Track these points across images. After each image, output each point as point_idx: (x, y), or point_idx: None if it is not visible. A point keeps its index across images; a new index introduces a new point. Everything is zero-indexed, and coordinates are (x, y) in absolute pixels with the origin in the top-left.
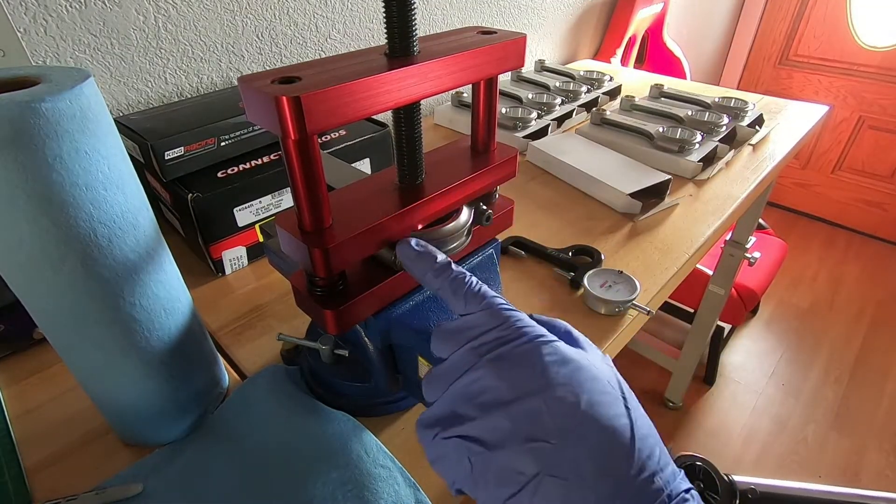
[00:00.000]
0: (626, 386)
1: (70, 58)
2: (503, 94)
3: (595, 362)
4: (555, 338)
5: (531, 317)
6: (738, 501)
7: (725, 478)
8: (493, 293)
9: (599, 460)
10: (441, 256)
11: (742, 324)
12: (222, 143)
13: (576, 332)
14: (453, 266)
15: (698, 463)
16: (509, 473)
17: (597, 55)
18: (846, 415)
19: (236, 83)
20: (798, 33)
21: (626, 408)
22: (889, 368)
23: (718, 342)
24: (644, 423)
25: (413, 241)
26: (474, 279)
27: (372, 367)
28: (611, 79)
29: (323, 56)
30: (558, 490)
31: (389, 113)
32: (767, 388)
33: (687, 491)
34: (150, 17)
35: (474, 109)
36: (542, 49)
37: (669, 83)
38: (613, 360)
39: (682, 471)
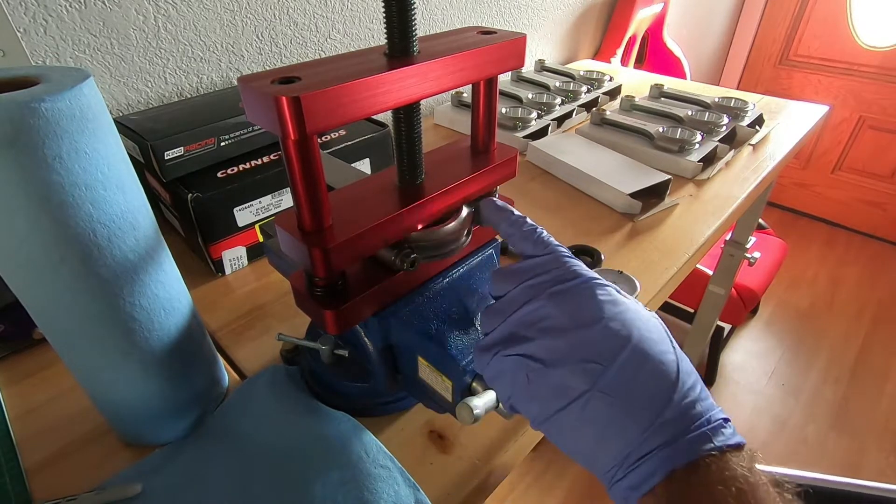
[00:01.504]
0: (670, 333)
1: (70, 58)
2: (503, 94)
3: (642, 309)
4: (608, 283)
5: None
6: None
7: None
8: (558, 243)
9: (646, 384)
10: (517, 212)
11: (742, 324)
12: (222, 143)
13: (621, 289)
14: (527, 219)
15: None
16: (563, 388)
17: (597, 55)
18: (846, 415)
19: (236, 83)
20: (798, 33)
21: (673, 347)
22: (889, 368)
23: (718, 342)
24: (687, 363)
25: (496, 198)
26: (543, 230)
27: (372, 367)
28: (611, 79)
29: (323, 56)
30: (606, 405)
31: (389, 113)
32: (767, 388)
33: (725, 420)
34: (149, 17)
35: (474, 109)
36: (542, 49)
37: (669, 83)
38: None
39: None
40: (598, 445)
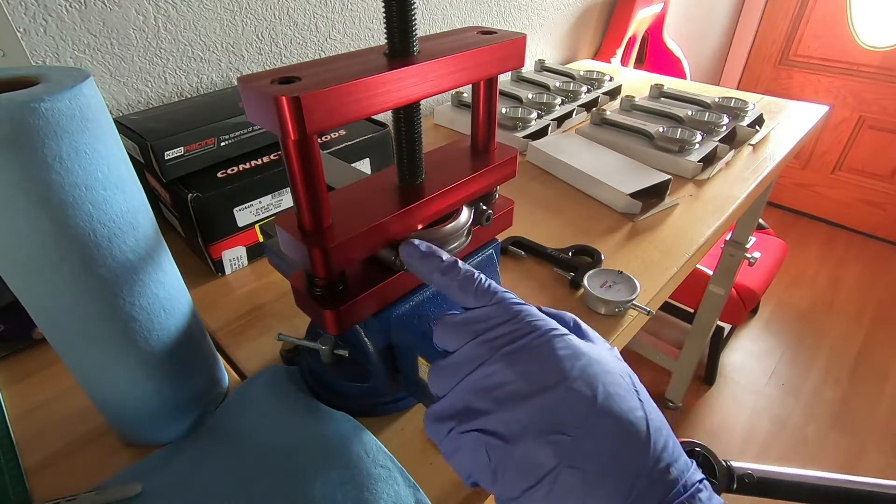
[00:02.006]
0: (636, 378)
1: (70, 58)
2: (503, 94)
3: (606, 355)
4: (566, 331)
5: (539, 309)
6: (735, 485)
7: (723, 463)
8: (503, 289)
9: (617, 452)
10: (446, 256)
11: (742, 324)
12: (222, 143)
13: (584, 325)
14: (460, 264)
15: (697, 448)
16: (528, 466)
17: (597, 55)
18: (846, 415)
19: (236, 83)
20: (798, 33)
21: (640, 400)
22: (889, 368)
23: (718, 342)
24: (657, 416)
25: (416, 242)
26: (482, 276)
27: (372, 367)
28: (611, 79)
29: (323, 56)
30: (576, 481)
31: (389, 113)
32: (767, 388)
33: (700, 481)
34: (149, 17)
35: (474, 109)
36: (542, 49)
37: (669, 83)
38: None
39: (694, 462)
40: None
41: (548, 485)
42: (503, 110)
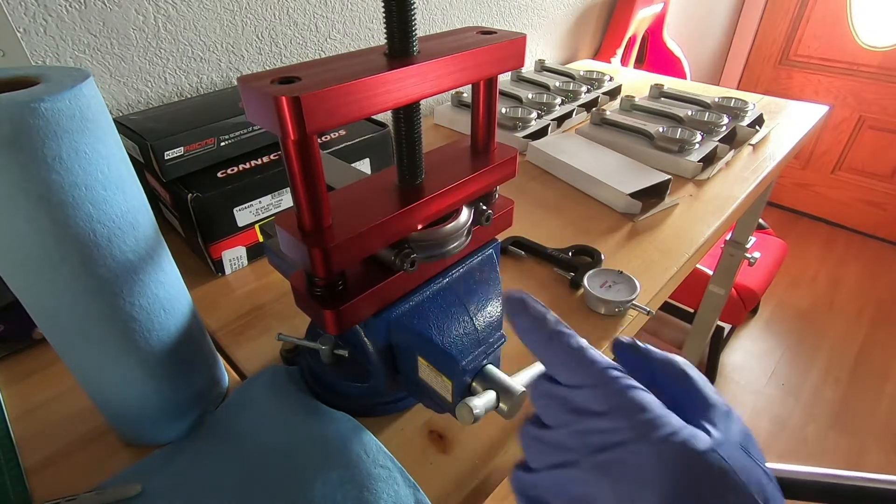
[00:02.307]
0: (766, 477)
1: (70, 58)
2: (503, 94)
3: (733, 453)
4: (685, 435)
5: (648, 352)
6: None
7: None
8: (603, 358)
9: None
10: (551, 317)
11: (742, 324)
12: (222, 143)
13: (700, 381)
14: (550, 315)
15: None
16: None
17: (597, 55)
18: (846, 415)
19: (236, 83)
20: (798, 33)
21: None
22: (889, 368)
23: (718, 342)
24: None
25: (525, 299)
26: (582, 340)
27: (372, 367)
28: (611, 79)
29: (323, 56)
30: None
31: (389, 113)
32: (767, 388)
33: None
34: (149, 17)
35: (474, 109)
36: (542, 49)
37: (669, 83)
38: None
39: None
40: None
41: None
42: (503, 110)
